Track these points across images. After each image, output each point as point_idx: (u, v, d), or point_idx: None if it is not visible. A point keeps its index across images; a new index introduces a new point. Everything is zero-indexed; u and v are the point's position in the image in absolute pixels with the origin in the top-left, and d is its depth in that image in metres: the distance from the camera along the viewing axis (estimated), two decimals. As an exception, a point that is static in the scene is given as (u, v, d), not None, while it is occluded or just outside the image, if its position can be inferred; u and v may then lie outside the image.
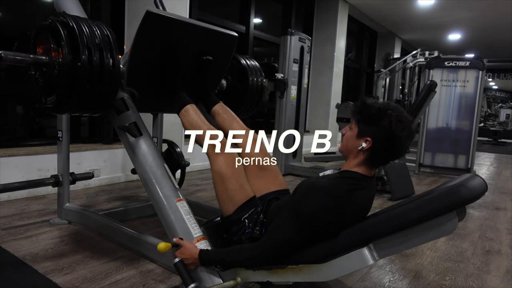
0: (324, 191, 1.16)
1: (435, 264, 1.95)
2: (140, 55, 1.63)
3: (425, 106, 4.33)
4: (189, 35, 1.72)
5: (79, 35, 1.40)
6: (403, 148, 1.19)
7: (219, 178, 1.43)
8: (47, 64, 1.47)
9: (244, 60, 2.17)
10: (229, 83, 2.15)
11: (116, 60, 1.50)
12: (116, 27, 3.59)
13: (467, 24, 7.65)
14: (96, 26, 1.48)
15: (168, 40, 1.65)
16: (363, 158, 1.21)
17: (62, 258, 1.76)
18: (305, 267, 1.18)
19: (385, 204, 3.13)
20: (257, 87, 2.16)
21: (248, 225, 1.37)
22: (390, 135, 1.15)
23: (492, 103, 19.85)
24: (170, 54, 1.68)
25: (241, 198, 1.41)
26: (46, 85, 1.51)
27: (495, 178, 4.95)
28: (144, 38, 1.59)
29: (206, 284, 1.32)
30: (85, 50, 1.40)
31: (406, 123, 1.16)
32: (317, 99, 6.55)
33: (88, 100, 1.50)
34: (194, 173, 3.97)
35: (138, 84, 1.72)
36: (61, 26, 1.41)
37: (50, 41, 1.45)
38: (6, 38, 3.01)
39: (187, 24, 1.68)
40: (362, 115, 1.21)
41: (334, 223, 1.17)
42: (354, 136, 1.22)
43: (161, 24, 1.59)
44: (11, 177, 2.52)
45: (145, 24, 1.55)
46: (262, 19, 5.54)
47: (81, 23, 1.44)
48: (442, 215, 1.02)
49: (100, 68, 1.44)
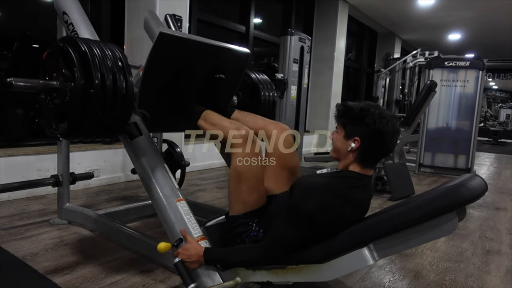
0: (322, 190, 1.17)
1: (435, 264, 1.95)
2: (153, 76, 1.59)
3: (425, 106, 4.33)
4: (202, 54, 1.69)
5: (92, 59, 1.34)
6: (391, 143, 1.23)
7: (237, 177, 1.38)
8: (58, 89, 1.42)
9: (255, 75, 2.15)
10: (240, 99, 2.12)
11: (130, 84, 1.44)
12: (116, 27, 3.60)
13: (467, 24, 7.65)
14: (108, 49, 1.43)
15: (181, 60, 1.62)
16: (354, 158, 1.24)
17: (62, 258, 1.76)
18: (305, 267, 1.18)
19: (385, 204, 3.13)
20: (269, 102, 2.13)
21: (254, 228, 1.38)
22: (376, 131, 1.20)
23: (492, 103, 19.86)
24: (183, 73, 1.65)
25: (254, 203, 1.39)
26: (56, 110, 1.45)
27: (495, 178, 4.95)
28: (158, 59, 1.55)
29: (206, 284, 1.32)
30: (98, 75, 1.34)
31: (389, 118, 1.21)
32: (317, 99, 6.55)
33: (100, 126, 1.44)
34: (194, 173, 3.97)
35: (149, 105, 1.68)
36: (73, 50, 1.36)
37: (61, 65, 1.39)
38: (6, 38, 3.01)
39: (200, 44, 1.65)
40: (346, 117, 1.26)
41: (334, 221, 1.18)
42: (342, 138, 1.26)
43: (174, 44, 1.56)
44: (11, 177, 2.52)
45: (158, 45, 1.51)
46: (262, 19, 5.54)
47: (93, 47, 1.38)
48: (442, 215, 1.02)
49: (114, 93, 1.38)
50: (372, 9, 6.97)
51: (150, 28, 2.25)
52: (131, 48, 3.51)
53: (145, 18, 2.26)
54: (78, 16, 1.85)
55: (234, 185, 1.39)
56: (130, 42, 3.53)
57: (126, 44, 3.55)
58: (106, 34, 3.59)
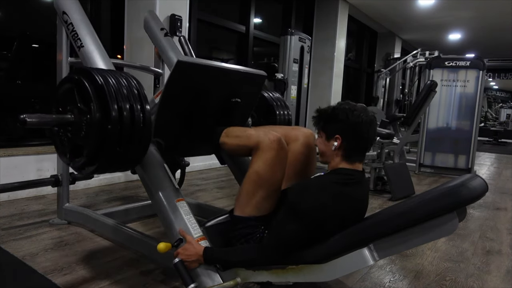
0: (318, 188, 1.21)
1: (435, 264, 1.95)
2: (170, 104, 1.56)
3: (425, 106, 4.33)
4: (219, 79, 1.67)
5: (108, 92, 1.29)
6: (369, 132, 1.27)
7: (256, 179, 1.35)
8: (73, 123, 1.37)
9: (269, 94, 2.12)
10: (254, 120, 2.10)
11: (147, 115, 1.37)
12: (116, 27, 3.60)
13: (467, 24, 7.64)
14: (124, 79, 1.39)
15: (198, 86, 1.59)
16: (340, 156, 1.29)
17: (62, 258, 1.76)
18: (305, 267, 1.18)
19: (385, 204, 3.13)
20: (285, 120, 2.10)
21: (261, 230, 1.37)
22: (352, 124, 1.26)
23: (493, 103, 19.86)
24: (200, 99, 1.63)
25: (267, 208, 1.38)
26: (71, 144, 1.41)
27: (495, 178, 4.95)
28: (175, 87, 1.53)
29: (206, 284, 1.31)
30: (115, 107, 1.28)
31: (360, 110, 1.28)
32: (317, 99, 6.55)
33: (118, 160, 1.40)
34: (194, 173, 3.97)
35: (165, 133, 1.65)
36: (89, 83, 1.31)
37: (76, 98, 1.35)
38: (6, 38, 3.01)
39: (218, 69, 1.63)
40: (322, 120, 1.33)
41: (333, 218, 1.18)
42: (324, 141, 1.32)
43: (192, 71, 1.54)
44: (11, 177, 2.52)
45: (176, 74, 1.48)
46: (262, 19, 5.54)
47: (108, 78, 1.34)
48: (442, 215, 1.02)
49: (131, 126, 1.32)
50: (372, 9, 6.97)
51: (150, 28, 2.26)
52: (131, 48, 3.51)
53: (145, 18, 2.26)
54: (78, 16, 1.85)
55: (251, 188, 1.36)
56: (130, 42, 3.53)
57: (126, 44, 3.55)
58: (106, 34, 3.59)
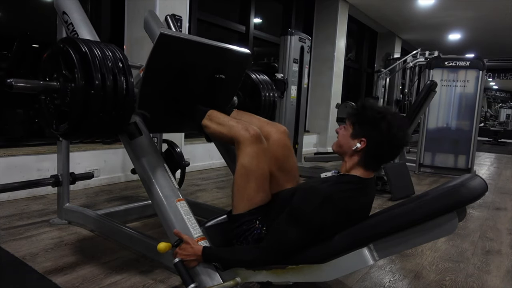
0: (323, 198, 1.16)
1: (435, 264, 1.95)
2: (153, 77, 1.60)
3: (425, 106, 4.33)
4: (202, 54, 1.69)
5: (92, 60, 1.34)
6: (396, 152, 1.24)
7: (244, 173, 1.36)
8: (58, 90, 1.42)
9: (255, 76, 2.15)
10: (240, 99, 2.13)
11: (130, 85, 1.43)
12: (116, 27, 3.60)
13: (467, 24, 7.64)
14: (109, 50, 1.43)
15: (181, 60, 1.62)
16: (358, 159, 1.24)
17: (62, 258, 1.76)
18: (305, 267, 1.18)
19: (385, 204, 3.13)
20: (270, 102, 2.14)
21: (258, 226, 1.36)
22: (386, 139, 1.19)
23: (493, 103, 19.85)
24: (183, 74, 1.66)
25: (259, 200, 1.38)
26: (57, 111, 1.46)
27: (495, 178, 4.95)
28: (158, 60, 1.56)
29: (206, 283, 1.32)
30: (99, 76, 1.34)
31: (403, 130, 1.21)
32: (317, 99, 6.55)
33: (101, 126, 1.45)
34: (194, 173, 3.97)
35: (149, 106, 1.68)
36: (73, 51, 1.36)
37: (61, 66, 1.39)
38: (6, 38, 3.01)
39: (201, 44, 1.65)
40: (360, 116, 1.25)
41: (334, 226, 1.18)
42: (348, 136, 1.26)
43: (175, 45, 1.56)
44: (11, 177, 2.52)
45: (159, 46, 1.51)
46: (262, 19, 5.54)
47: (93, 47, 1.38)
48: (442, 215, 1.02)
49: (114, 94, 1.38)
50: (372, 9, 6.97)
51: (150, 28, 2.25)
52: (131, 48, 3.51)
53: (145, 18, 2.26)
54: (78, 16, 1.85)
55: (240, 182, 1.37)
56: (130, 42, 3.53)
57: (126, 44, 3.55)
58: (106, 34, 3.59)
